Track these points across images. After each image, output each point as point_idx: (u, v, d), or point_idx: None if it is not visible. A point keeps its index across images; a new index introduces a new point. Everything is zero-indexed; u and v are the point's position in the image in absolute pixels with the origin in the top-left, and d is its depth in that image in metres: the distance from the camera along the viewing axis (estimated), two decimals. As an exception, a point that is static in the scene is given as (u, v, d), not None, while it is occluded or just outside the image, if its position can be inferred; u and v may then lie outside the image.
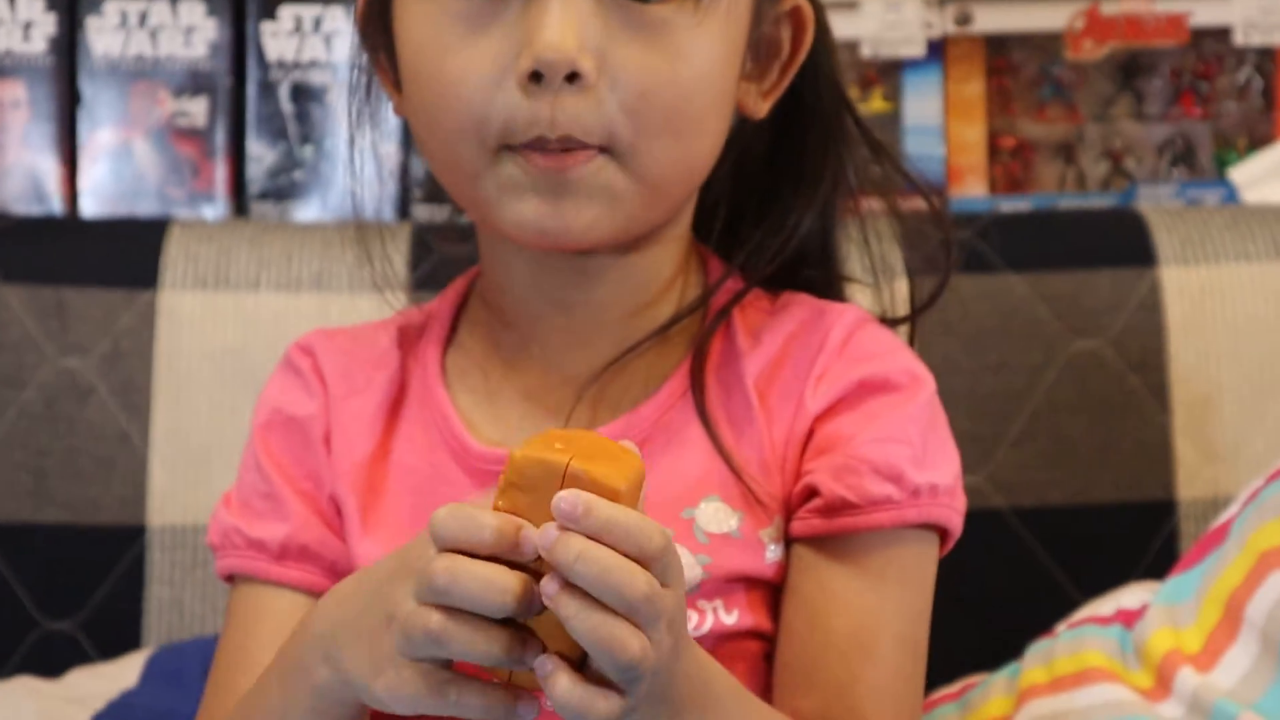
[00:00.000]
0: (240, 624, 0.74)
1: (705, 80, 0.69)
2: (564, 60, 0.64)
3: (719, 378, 0.73)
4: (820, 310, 0.75)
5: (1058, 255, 1.11)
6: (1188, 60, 1.25)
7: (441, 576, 0.53)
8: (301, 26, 1.22)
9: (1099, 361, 1.09)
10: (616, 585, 0.52)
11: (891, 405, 0.72)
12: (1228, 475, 1.07)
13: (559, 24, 0.65)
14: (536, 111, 0.66)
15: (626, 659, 0.53)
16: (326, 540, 0.74)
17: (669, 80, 0.67)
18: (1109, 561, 1.05)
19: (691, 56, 0.68)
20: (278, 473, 0.75)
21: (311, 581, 0.73)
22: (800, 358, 0.73)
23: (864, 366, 0.72)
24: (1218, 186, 1.23)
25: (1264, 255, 1.11)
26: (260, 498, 0.75)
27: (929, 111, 1.24)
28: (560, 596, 0.52)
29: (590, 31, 0.65)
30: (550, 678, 0.53)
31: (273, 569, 0.73)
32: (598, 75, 0.66)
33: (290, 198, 1.23)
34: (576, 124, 0.66)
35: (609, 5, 0.66)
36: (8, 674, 1.04)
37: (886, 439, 0.70)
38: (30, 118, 1.22)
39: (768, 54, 0.74)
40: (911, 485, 0.70)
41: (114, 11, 1.21)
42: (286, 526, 0.74)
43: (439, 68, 0.68)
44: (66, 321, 1.09)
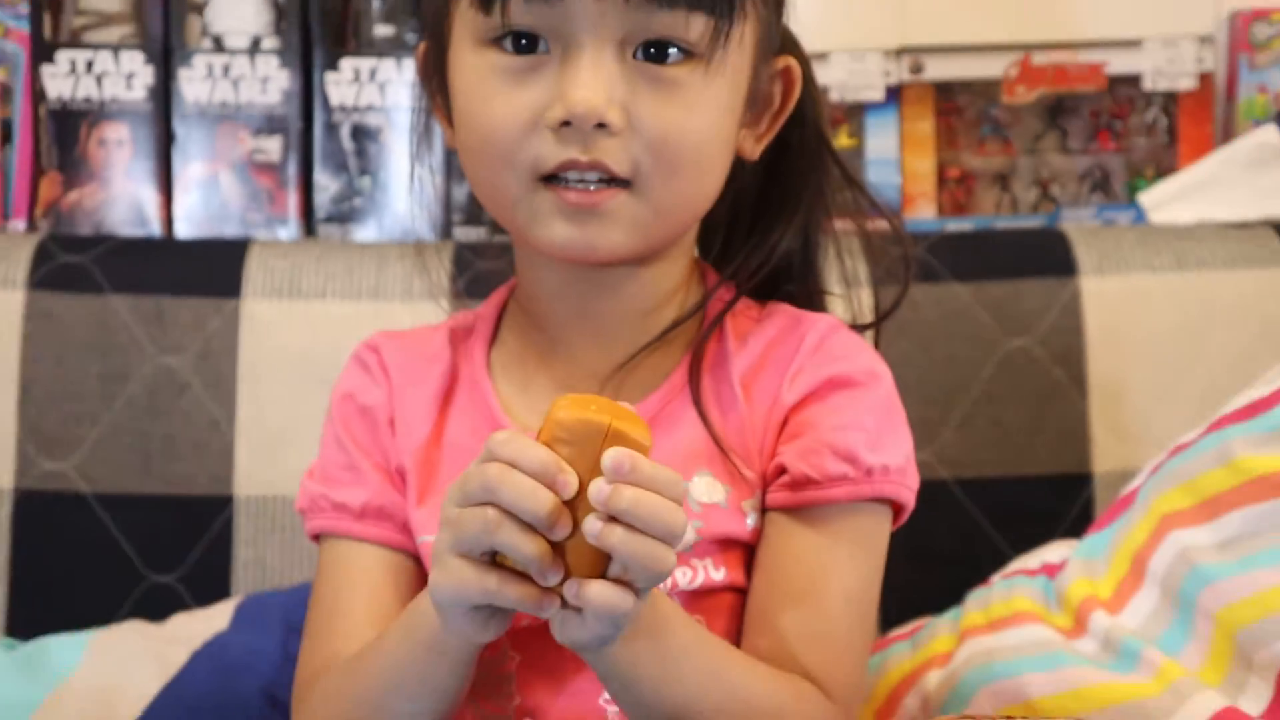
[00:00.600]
0: (330, 576, 0.74)
1: (712, 129, 0.69)
2: (593, 113, 0.65)
3: (712, 374, 0.73)
4: (798, 319, 0.75)
5: (995, 267, 1.11)
6: (1105, 103, 1.24)
7: (494, 477, 0.55)
8: (360, 77, 1.21)
9: (1029, 357, 1.10)
10: (665, 523, 0.55)
11: (852, 399, 0.72)
12: (1134, 452, 1.06)
13: (589, 82, 0.65)
14: (566, 152, 0.66)
15: (664, 570, 0.56)
16: (398, 504, 0.74)
17: (683, 129, 0.67)
18: (1036, 524, 1.06)
19: (702, 109, 0.68)
20: (355, 448, 0.75)
21: (387, 538, 0.73)
22: (779, 358, 0.73)
23: (832, 366, 0.72)
24: (1129, 209, 1.23)
25: (1168, 267, 1.11)
26: (341, 469, 0.75)
27: (887, 147, 1.24)
28: (607, 531, 0.54)
29: (617, 88, 0.66)
30: (583, 587, 0.55)
31: (355, 527, 0.73)
32: (623, 124, 0.66)
33: (351, 221, 1.23)
34: (608, 155, 0.66)
35: (632, 66, 0.66)
36: (121, 619, 1.05)
37: (845, 426, 0.70)
38: (132, 154, 1.21)
39: (762, 106, 0.74)
40: (865, 466, 0.70)
41: (202, 64, 1.21)
42: (365, 492, 0.74)
43: (485, 112, 0.68)
44: (165, 326, 1.09)
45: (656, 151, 0.67)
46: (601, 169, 0.66)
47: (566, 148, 0.66)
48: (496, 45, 0.67)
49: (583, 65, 0.65)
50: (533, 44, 0.67)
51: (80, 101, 1.21)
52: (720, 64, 0.68)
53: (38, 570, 1.08)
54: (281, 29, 1.22)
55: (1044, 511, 1.07)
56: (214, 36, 1.22)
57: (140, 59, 1.21)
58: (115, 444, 1.08)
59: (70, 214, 1.21)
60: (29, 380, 1.09)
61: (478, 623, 0.59)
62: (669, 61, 0.67)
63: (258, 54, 1.21)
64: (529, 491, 0.55)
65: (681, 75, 0.67)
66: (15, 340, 1.09)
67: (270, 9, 1.22)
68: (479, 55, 0.68)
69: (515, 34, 0.67)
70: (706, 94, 0.68)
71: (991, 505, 1.07)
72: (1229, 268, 1.11)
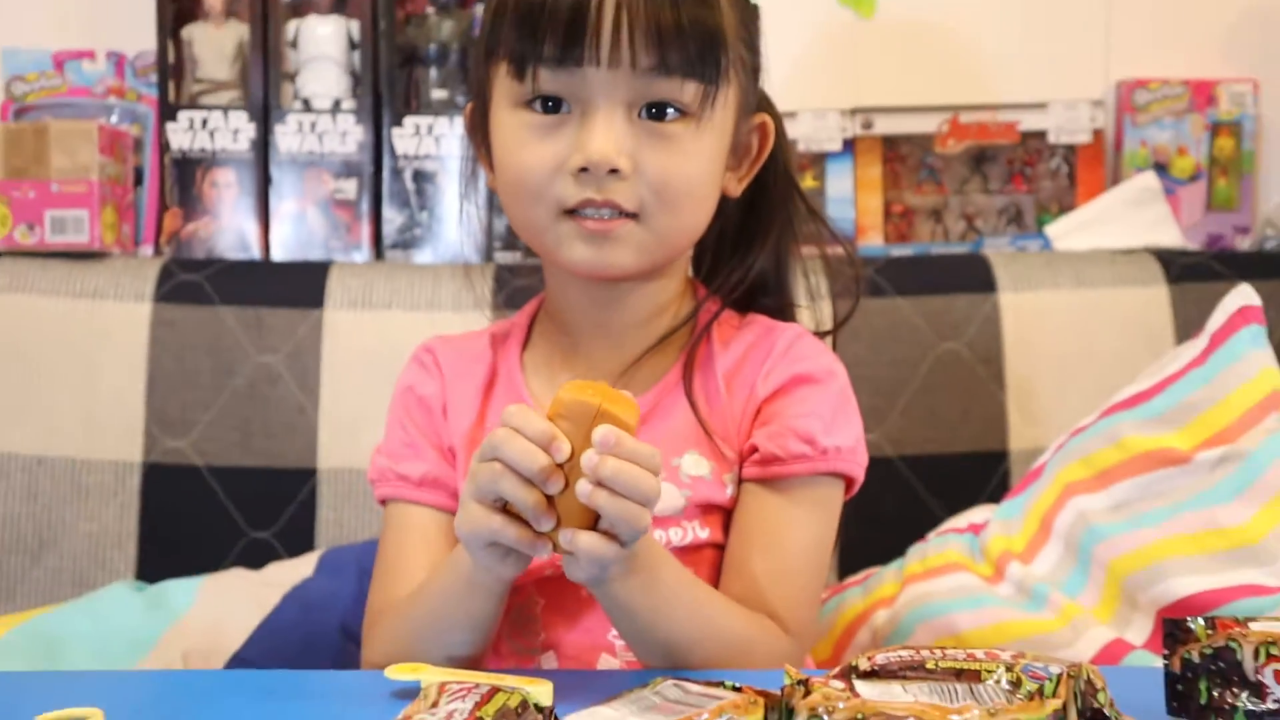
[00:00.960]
0: (393, 533, 0.74)
1: (703, 173, 0.69)
2: (606, 162, 0.65)
3: (700, 372, 0.73)
4: (771, 327, 0.75)
5: (930, 285, 1.11)
6: (1018, 153, 1.25)
7: (501, 439, 0.56)
8: (420, 131, 1.21)
9: (957, 358, 1.10)
10: (642, 490, 0.55)
11: (813, 392, 0.71)
12: (1042, 434, 1.07)
13: (603, 138, 0.66)
14: (584, 192, 0.66)
15: (641, 527, 0.56)
16: (450, 475, 0.73)
17: (680, 173, 0.68)
18: (963, 492, 1.06)
19: (694, 157, 0.68)
20: (415, 430, 0.75)
21: (440, 503, 0.73)
22: (755, 359, 0.73)
23: (797, 366, 0.72)
24: (1038, 238, 1.22)
25: (1068, 285, 1.12)
26: (404, 446, 0.75)
27: (844, 188, 1.24)
28: (594, 493, 0.55)
29: (625, 141, 0.66)
30: (575, 536, 0.56)
31: (414, 493, 0.73)
32: (631, 170, 0.66)
33: (412, 247, 1.22)
34: (618, 195, 0.67)
35: (638, 124, 0.67)
36: (226, 567, 1.06)
37: (806, 415, 0.70)
38: (238, 194, 1.21)
39: (743, 153, 0.74)
40: (821, 447, 0.70)
41: (294, 121, 1.21)
42: (424, 465, 0.73)
43: (519, 159, 0.68)
44: (262, 331, 1.10)
45: (658, 191, 0.67)
46: (613, 206, 0.67)
47: (584, 189, 0.66)
48: (528, 106, 0.68)
49: (598, 123, 0.66)
50: (557, 105, 0.67)
51: (197, 152, 1.22)
52: (709, 121, 0.68)
53: (161, 528, 1.09)
54: (357, 93, 1.22)
55: (970, 482, 1.08)
56: (303, 99, 1.23)
57: (244, 118, 1.21)
58: (222, 426, 1.09)
59: (188, 242, 1.22)
60: (154, 375, 1.09)
61: (496, 557, 0.60)
62: (668, 119, 0.67)
63: (338, 113, 1.21)
64: (526, 452, 0.56)
65: (678, 130, 0.67)
66: (144, 343, 1.09)
67: (348, 77, 1.23)
68: (514, 114, 0.68)
69: (543, 97, 0.67)
70: (698, 145, 0.68)
71: (928, 476, 1.08)
72: (1116, 286, 1.12)
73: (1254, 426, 0.86)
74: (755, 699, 0.44)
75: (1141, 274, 1.12)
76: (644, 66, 0.65)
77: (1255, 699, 0.50)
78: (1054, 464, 0.94)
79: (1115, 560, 0.86)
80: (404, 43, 1.23)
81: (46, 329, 1.10)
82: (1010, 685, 0.46)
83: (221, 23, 1.23)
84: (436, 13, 1.23)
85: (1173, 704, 0.53)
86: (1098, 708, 0.46)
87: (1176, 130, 1.24)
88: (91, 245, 1.13)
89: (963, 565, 0.93)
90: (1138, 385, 0.94)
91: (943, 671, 0.47)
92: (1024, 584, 0.89)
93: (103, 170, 1.14)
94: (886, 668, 0.48)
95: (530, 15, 0.66)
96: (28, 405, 1.09)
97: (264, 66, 1.21)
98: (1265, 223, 1.24)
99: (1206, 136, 1.24)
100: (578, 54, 0.65)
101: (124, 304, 1.10)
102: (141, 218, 1.23)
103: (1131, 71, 1.26)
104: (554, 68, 0.66)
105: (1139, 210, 1.21)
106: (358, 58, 1.22)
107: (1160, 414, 0.90)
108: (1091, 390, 1.06)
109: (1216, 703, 0.51)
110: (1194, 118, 1.24)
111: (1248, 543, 0.82)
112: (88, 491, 1.08)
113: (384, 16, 1.21)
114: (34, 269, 1.11)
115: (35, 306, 1.10)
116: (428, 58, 1.23)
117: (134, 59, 1.24)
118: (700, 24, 0.66)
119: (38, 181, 1.12)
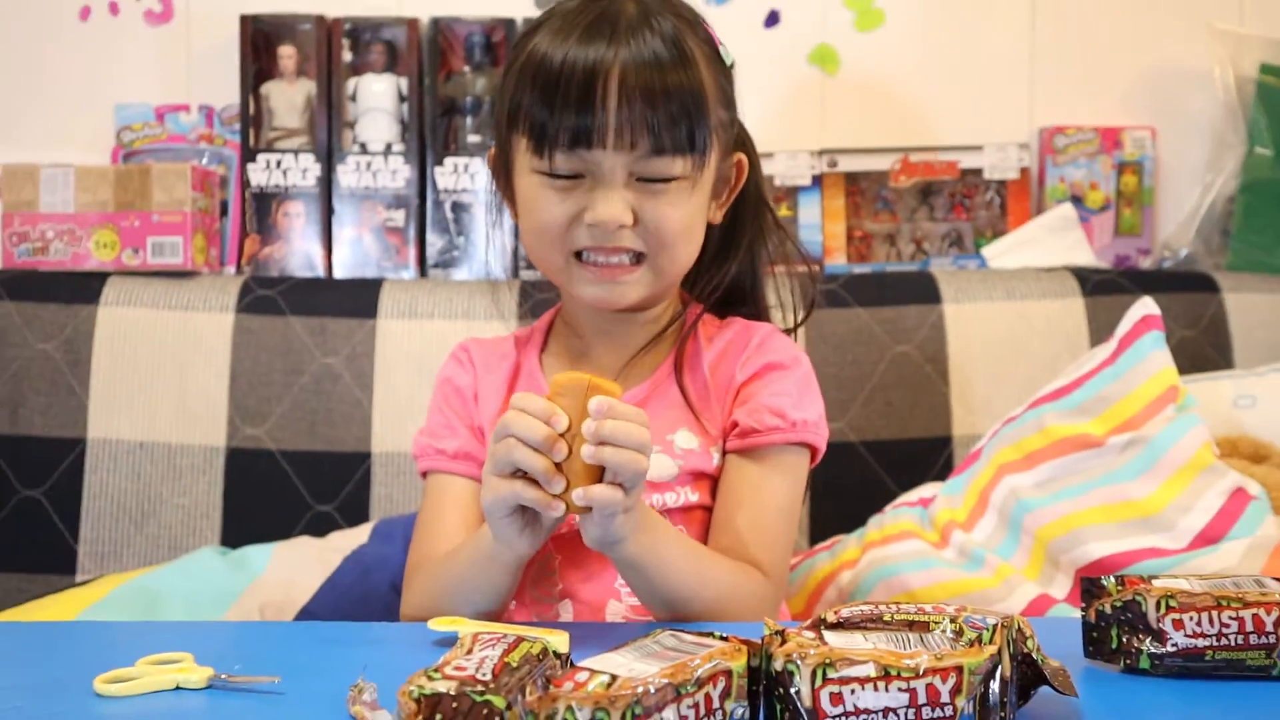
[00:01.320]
0: (431, 499, 0.74)
1: (694, 219, 0.70)
2: (613, 222, 0.66)
3: (689, 364, 0.73)
4: (747, 326, 0.75)
5: (885, 298, 1.11)
6: (958, 187, 1.24)
7: (509, 418, 0.56)
8: (458, 170, 1.20)
9: (909, 359, 1.10)
10: (636, 439, 0.55)
11: (782, 376, 0.72)
12: (980, 422, 1.08)
13: (611, 203, 0.66)
14: (594, 241, 0.67)
15: (641, 470, 0.56)
16: (480, 451, 0.73)
17: (675, 222, 0.68)
18: (914, 471, 1.06)
19: (686, 209, 0.69)
20: (452, 414, 0.75)
21: (473, 473, 0.72)
22: (734, 352, 0.73)
23: (769, 356, 0.72)
24: (976, 259, 1.22)
25: (1001, 297, 1.11)
26: (442, 427, 0.75)
27: (813, 216, 1.23)
28: (598, 450, 0.55)
29: (629, 202, 0.66)
30: (587, 491, 0.56)
31: (449, 465, 0.73)
32: (634, 222, 0.67)
33: (451, 266, 1.21)
34: (624, 241, 0.67)
35: (638, 187, 0.67)
36: (295, 535, 1.04)
37: (777, 394, 0.70)
38: (305, 222, 1.21)
39: (723, 186, 0.74)
40: (791, 420, 0.70)
41: (352, 162, 1.20)
42: (458, 441, 0.73)
43: (539, 213, 0.68)
44: (326, 337, 1.10)
45: (656, 237, 0.68)
46: (621, 251, 0.67)
47: (594, 238, 0.67)
48: (546, 175, 0.68)
49: (605, 192, 0.66)
50: (571, 174, 0.67)
51: (272, 188, 1.22)
52: (697, 182, 0.69)
53: (241, 501, 1.08)
54: (405, 138, 1.21)
55: (920, 463, 1.08)
56: (360, 143, 1.22)
57: (311, 159, 1.21)
58: (292, 416, 1.09)
59: (264, 263, 1.21)
60: (235, 374, 1.09)
61: (515, 530, 0.59)
62: (662, 181, 0.68)
63: (389, 155, 1.21)
64: (530, 424, 0.56)
65: (672, 189, 0.68)
66: (227, 347, 1.09)
67: (398, 124, 1.22)
68: (534, 177, 0.68)
69: (558, 173, 0.67)
70: (690, 200, 0.69)
71: (884, 459, 1.07)
72: (1041, 298, 1.12)
73: (1155, 416, 0.87)
74: (740, 647, 0.44)
75: (1061, 288, 1.12)
76: (641, 152, 0.66)
77: (1157, 643, 0.51)
78: (990, 448, 0.94)
79: (1041, 528, 0.86)
80: (444, 96, 1.23)
81: (148, 336, 1.10)
82: (954, 634, 0.46)
83: (293, 80, 1.23)
84: (471, 71, 1.23)
85: (1089, 648, 0.53)
86: (1027, 652, 0.46)
87: (1089, 169, 1.24)
88: (185, 266, 1.14)
89: (914, 533, 0.93)
90: (1059, 381, 0.94)
91: (898, 623, 0.47)
92: (965, 548, 0.89)
93: (194, 204, 1.15)
94: (850, 620, 0.48)
95: (547, 100, 0.65)
96: (132, 400, 1.09)
97: (328, 116, 1.21)
98: (1163, 246, 1.24)
99: (1114, 174, 1.24)
100: (586, 142, 0.65)
101: (211, 315, 1.10)
102: (226, 243, 1.23)
103: (1052, 120, 1.26)
104: (568, 151, 0.66)
105: (1059, 235, 1.21)
106: (406, 109, 1.22)
107: (1078, 405, 0.90)
108: (1021, 386, 1.07)
109: (1125, 647, 0.52)
110: (1103, 158, 1.24)
111: (1151, 513, 0.83)
112: (181, 471, 1.08)
113: (428, 74, 1.21)
114: (138, 286, 1.12)
115: (138, 317, 1.11)
116: (464, 108, 1.23)
117: (221, 111, 1.25)
118: (686, 111, 0.66)
119: (141, 213, 1.13)
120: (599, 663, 0.42)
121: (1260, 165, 1.21)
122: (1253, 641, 0.50)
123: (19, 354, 1.09)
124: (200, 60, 1.25)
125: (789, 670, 0.42)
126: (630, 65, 0.65)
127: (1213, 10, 1.23)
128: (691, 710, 0.40)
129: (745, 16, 1.23)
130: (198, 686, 0.50)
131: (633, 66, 0.65)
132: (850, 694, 0.41)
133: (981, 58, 1.25)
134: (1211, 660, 0.50)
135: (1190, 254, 1.21)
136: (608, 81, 0.65)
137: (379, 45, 1.22)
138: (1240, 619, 0.50)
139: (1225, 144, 1.21)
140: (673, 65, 0.66)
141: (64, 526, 1.07)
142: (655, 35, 0.66)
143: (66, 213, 1.12)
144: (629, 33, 0.66)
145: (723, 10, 0.74)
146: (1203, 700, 0.48)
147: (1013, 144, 1.24)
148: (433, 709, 0.39)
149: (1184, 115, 1.24)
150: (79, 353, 1.09)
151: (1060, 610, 0.81)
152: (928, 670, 0.41)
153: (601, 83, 0.65)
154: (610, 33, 0.65)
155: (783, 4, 1.24)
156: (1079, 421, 0.89)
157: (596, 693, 0.38)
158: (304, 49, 1.22)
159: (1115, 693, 0.49)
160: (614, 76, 0.65)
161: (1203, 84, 1.22)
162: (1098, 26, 1.25)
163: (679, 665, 0.41)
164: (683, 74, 0.66)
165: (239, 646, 0.58)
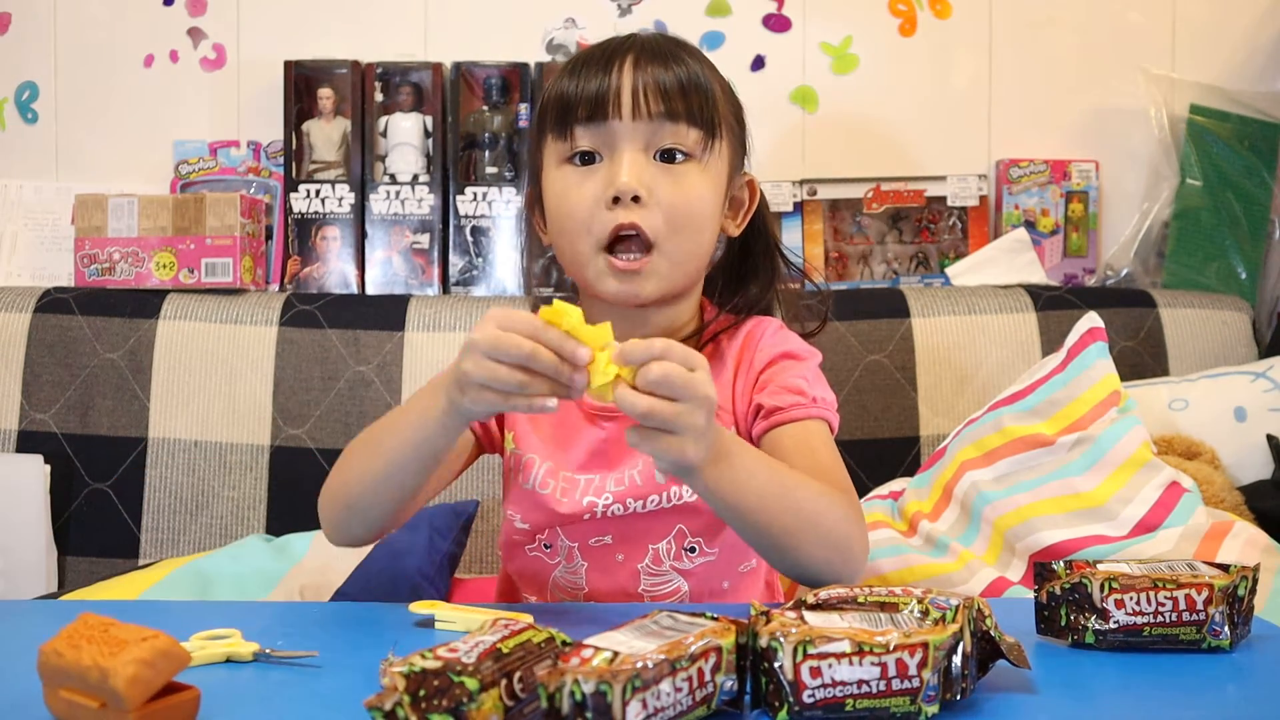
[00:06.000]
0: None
1: (704, 203, 0.67)
2: (630, 189, 0.64)
3: (714, 361, 0.71)
4: (760, 323, 0.73)
5: (860, 312, 1.11)
6: (925, 214, 1.24)
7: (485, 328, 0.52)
8: (477, 198, 1.20)
9: (881, 366, 1.10)
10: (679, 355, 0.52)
11: (796, 364, 0.70)
12: (944, 424, 1.08)
13: (627, 172, 0.65)
14: (615, 218, 0.65)
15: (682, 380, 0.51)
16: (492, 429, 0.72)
17: (686, 200, 0.66)
18: (886, 467, 1.06)
19: (697, 190, 0.67)
20: None
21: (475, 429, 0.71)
22: (751, 345, 0.71)
23: (783, 346, 0.70)
24: (941, 277, 1.22)
25: (963, 312, 1.12)
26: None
27: (794, 239, 1.22)
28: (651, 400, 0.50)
29: (644, 175, 0.65)
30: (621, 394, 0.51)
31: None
32: (649, 198, 0.65)
33: (470, 284, 1.21)
34: (639, 220, 0.65)
35: (653, 164, 0.66)
36: None
37: (795, 377, 0.68)
38: (341, 246, 1.21)
39: (736, 204, 0.72)
40: (810, 396, 0.67)
41: (383, 191, 1.20)
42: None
43: (565, 201, 0.67)
44: (359, 348, 1.09)
45: (669, 217, 0.66)
46: (637, 229, 0.65)
47: (615, 215, 0.65)
48: (570, 162, 0.67)
49: (622, 162, 0.65)
50: (591, 159, 0.67)
51: (311, 214, 1.21)
52: (708, 164, 0.67)
53: (284, 494, 1.08)
54: (430, 170, 1.22)
55: (890, 460, 1.08)
56: (390, 174, 1.22)
57: (346, 188, 1.21)
58: (329, 418, 1.09)
59: (305, 281, 1.21)
60: (279, 380, 1.09)
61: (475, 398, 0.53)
62: (676, 161, 0.66)
63: (416, 184, 1.21)
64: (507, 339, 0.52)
65: (683, 169, 0.67)
66: (271, 357, 1.10)
67: (424, 157, 1.22)
68: (560, 170, 0.68)
69: (580, 153, 0.67)
70: (700, 181, 0.67)
71: (859, 456, 1.07)
72: (999, 313, 1.12)
73: (1100, 417, 0.87)
74: (729, 625, 0.44)
75: (1017, 304, 1.12)
76: (655, 113, 0.65)
77: (1101, 621, 0.51)
78: (953, 446, 0.94)
79: (999, 518, 0.86)
80: (465, 132, 1.23)
81: (201, 346, 1.10)
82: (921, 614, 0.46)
83: (331, 119, 1.23)
84: (489, 110, 1.23)
85: (1041, 626, 0.53)
86: (986, 630, 0.46)
87: (1041, 197, 1.25)
88: (234, 284, 1.14)
89: (885, 523, 0.93)
90: (1015, 387, 0.94)
91: (870, 604, 0.47)
92: (931, 536, 0.89)
93: (243, 229, 1.15)
94: (828, 601, 0.48)
95: (567, 95, 0.67)
96: (188, 403, 1.10)
97: (361, 151, 1.21)
98: (1105, 266, 1.25)
99: (1062, 202, 1.24)
100: (604, 111, 0.66)
101: (257, 328, 1.10)
102: (271, 264, 1.23)
103: (1008, 153, 1.26)
104: (586, 124, 0.66)
105: (1014, 256, 1.22)
106: (431, 144, 1.22)
107: (1032, 408, 0.90)
108: (980, 391, 1.08)
109: (1073, 624, 0.52)
110: (1053, 188, 1.25)
111: (1096, 504, 0.83)
112: (230, 467, 1.08)
113: (450, 113, 1.22)
114: (192, 302, 1.12)
115: (193, 330, 1.11)
116: (483, 143, 1.23)
117: (267, 146, 1.25)
118: (696, 84, 0.67)
119: (196, 237, 1.14)
120: (602, 640, 0.41)
121: (1191, 195, 1.22)
122: (1185, 619, 0.51)
123: (89, 362, 1.10)
124: (249, 101, 1.26)
125: (773, 647, 0.42)
126: (645, 50, 0.67)
127: (1149, 57, 1.25)
128: (685, 683, 0.40)
129: (734, 61, 1.24)
130: (245, 659, 0.50)
131: (647, 50, 0.67)
132: (828, 668, 0.41)
133: (945, 98, 1.26)
134: (1149, 635, 0.51)
135: (1130, 273, 1.22)
136: (623, 61, 0.66)
137: (407, 87, 1.23)
138: (1174, 599, 0.50)
139: (1160, 175, 1.22)
140: (684, 54, 0.68)
141: (128, 516, 1.08)
142: (669, 40, 0.69)
143: (131, 237, 1.14)
144: (645, 39, 0.68)
145: (714, 55, 0.74)
146: (1141, 671, 0.49)
147: (973, 175, 1.25)
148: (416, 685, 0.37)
149: (1124, 150, 1.25)
150: (141, 361, 1.10)
151: (1016, 592, 0.80)
152: (897, 646, 0.41)
153: (619, 63, 0.66)
154: (628, 38, 0.68)
155: (768, 50, 1.25)
156: (1033, 422, 0.89)
157: (600, 667, 0.38)
158: (340, 91, 1.22)
159: (1064, 665, 0.50)
160: (629, 57, 0.67)
161: (1140, 122, 1.23)
162: (1048, 71, 1.26)
163: (674, 643, 0.41)
164: (693, 64, 0.67)
165: (282, 624, 0.58)
